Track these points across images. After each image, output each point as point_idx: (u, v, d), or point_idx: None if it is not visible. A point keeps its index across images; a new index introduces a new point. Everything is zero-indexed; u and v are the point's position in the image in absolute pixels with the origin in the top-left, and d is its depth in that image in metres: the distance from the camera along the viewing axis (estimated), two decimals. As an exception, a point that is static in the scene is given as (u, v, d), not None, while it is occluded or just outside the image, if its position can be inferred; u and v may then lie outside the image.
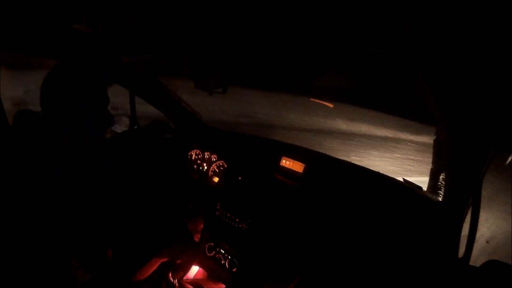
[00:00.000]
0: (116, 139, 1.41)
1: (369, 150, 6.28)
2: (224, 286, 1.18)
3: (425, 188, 1.11)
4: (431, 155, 1.16)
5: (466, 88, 0.64)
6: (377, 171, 1.18)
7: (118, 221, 1.04)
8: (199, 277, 1.27)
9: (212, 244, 1.22)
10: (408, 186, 1.11)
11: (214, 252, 1.21)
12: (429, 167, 1.17)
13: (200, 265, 1.25)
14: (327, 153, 1.29)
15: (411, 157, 6.33)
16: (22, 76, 4.49)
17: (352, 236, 1.06)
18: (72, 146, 0.83)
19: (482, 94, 0.63)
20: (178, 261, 1.17)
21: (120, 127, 1.47)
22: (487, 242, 3.14)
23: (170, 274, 1.11)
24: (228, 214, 1.21)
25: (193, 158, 1.53)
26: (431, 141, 1.13)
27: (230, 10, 0.66)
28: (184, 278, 1.18)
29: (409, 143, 7.52)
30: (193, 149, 1.52)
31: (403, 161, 6.00)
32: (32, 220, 0.74)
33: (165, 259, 1.10)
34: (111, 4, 0.69)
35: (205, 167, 1.48)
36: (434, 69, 0.69)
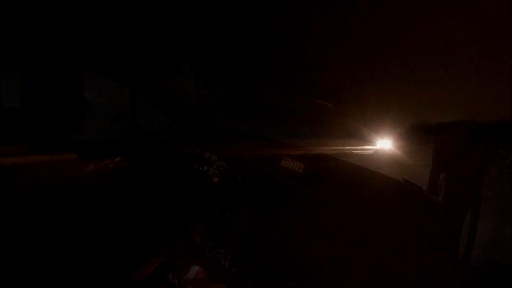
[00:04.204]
0: (116, 139, 1.41)
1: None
2: (224, 286, 1.18)
3: (425, 188, 1.11)
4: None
5: (466, 88, 0.64)
6: (377, 171, 1.18)
7: (118, 221, 1.04)
8: (199, 277, 1.26)
9: (212, 244, 1.22)
10: (408, 186, 1.11)
11: (214, 252, 1.21)
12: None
13: (200, 265, 1.25)
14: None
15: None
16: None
17: (352, 236, 1.06)
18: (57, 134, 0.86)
19: (482, 94, 0.63)
20: (178, 261, 1.17)
21: (120, 128, 1.47)
22: (487, 242, 3.13)
23: (170, 274, 1.11)
24: (228, 214, 1.21)
25: (193, 158, 1.53)
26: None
27: (226, 12, 0.66)
28: (184, 278, 1.18)
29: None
30: (193, 149, 1.52)
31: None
32: (32, 219, 0.74)
33: (165, 259, 1.10)
34: (110, 5, 0.68)
35: (205, 167, 1.48)
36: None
